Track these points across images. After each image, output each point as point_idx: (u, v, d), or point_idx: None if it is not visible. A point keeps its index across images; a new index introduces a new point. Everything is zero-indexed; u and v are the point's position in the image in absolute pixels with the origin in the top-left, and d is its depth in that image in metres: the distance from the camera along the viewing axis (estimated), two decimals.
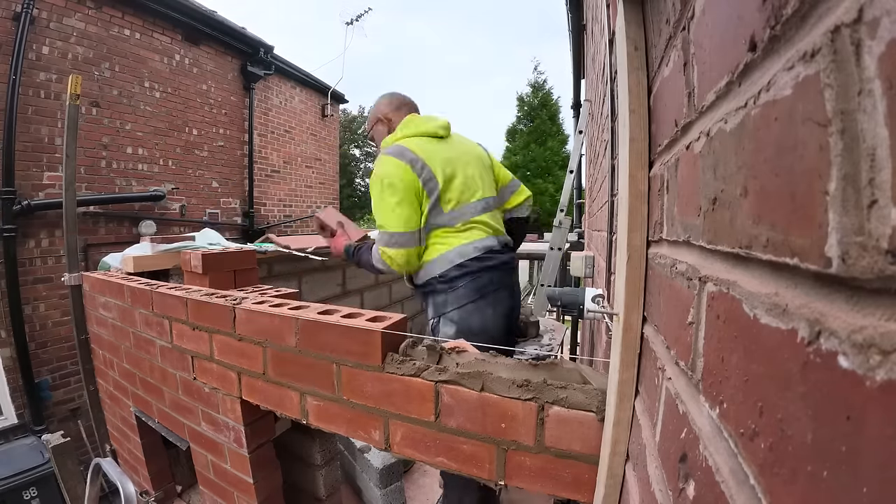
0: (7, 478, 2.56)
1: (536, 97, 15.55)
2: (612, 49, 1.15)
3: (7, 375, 3.14)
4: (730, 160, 0.27)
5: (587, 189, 3.43)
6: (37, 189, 3.35)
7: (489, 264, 1.37)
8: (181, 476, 1.78)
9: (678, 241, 0.39)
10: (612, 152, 1.24)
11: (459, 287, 1.33)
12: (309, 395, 0.97)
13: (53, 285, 3.38)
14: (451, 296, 1.34)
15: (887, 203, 0.14)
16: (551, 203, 14.04)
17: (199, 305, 1.16)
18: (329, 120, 7.07)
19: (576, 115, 4.59)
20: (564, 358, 2.21)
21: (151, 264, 1.69)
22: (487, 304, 1.36)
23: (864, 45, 0.14)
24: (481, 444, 0.76)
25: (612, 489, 0.57)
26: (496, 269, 1.38)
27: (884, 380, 0.14)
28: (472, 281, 1.34)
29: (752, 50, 0.23)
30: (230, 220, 5.22)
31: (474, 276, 1.34)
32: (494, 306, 1.38)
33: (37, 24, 3.32)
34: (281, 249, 1.99)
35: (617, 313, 0.55)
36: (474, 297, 1.34)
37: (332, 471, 1.45)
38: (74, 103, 1.80)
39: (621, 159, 0.55)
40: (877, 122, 0.14)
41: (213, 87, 4.95)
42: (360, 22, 7.65)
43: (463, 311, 1.33)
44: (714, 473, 0.27)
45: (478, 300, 1.34)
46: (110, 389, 1.76)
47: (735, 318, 0.26)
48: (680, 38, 0.38)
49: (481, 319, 1.35)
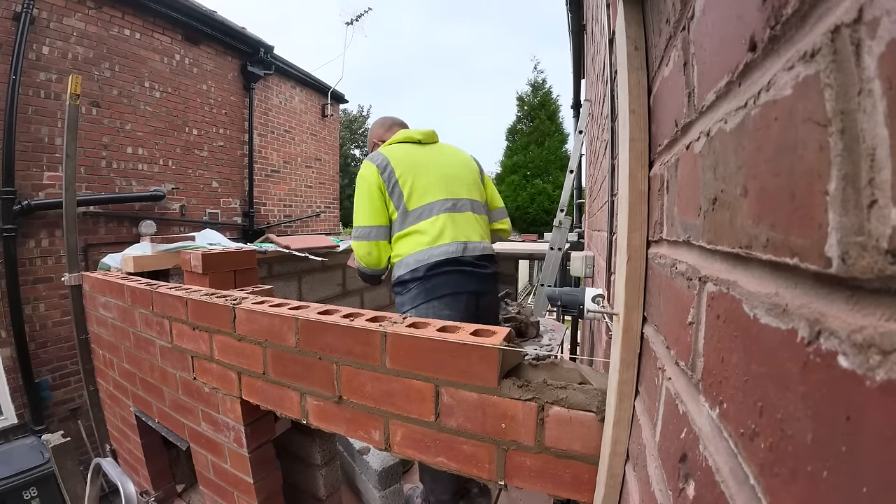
0: (7, 478, 2.56)
1: (536, 97, 15.54)
2: (612, 49, 1.15)
3: (7, 375, 3.14)
4: (730, 160, 0.27)
5: (587, 189, 3.42)
6: (37, 189, 3.35)
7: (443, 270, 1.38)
8: (181, 476, 1.78)
9: (678, 241, 0.39)
10: (612, 152, 1.24)
11: (412, 289, 1.40)
12: (309, 394, 0.97)
13: (53, 285, 3.38)
14: (407, 297, 1.42)
15: (887, 203, 0.14)
16: (549, 203, 14.04)
17: (199, 305, 1.16)
18: (329, 120, 7.07)
19: (576, 115, 4.59)
20: (564, 358, 2.22)
21: (151, 264, 1.69)
22: (443, 305, 1.38)
23: (864, 45, 0.14)
24: (481, 444, 0.76)
25: (612, 489, 0.57)
26: (451, 274, 1.39)
27: (884, 380, 0.14)
28: (421, 283, 1.38)
29: (752, 50, 0.23)
30: (230, 220, 5.21)
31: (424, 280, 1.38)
32: (452, 308, 1.38)
33: (37, 24, 3.32)
34: (281, 249, 1.99)
35: (617, 313, 0.55)
36: (428, 298, 1.38)
37: (332, 471, 1.45)
38: (74, 103, 1.80)
39: (621, 159, 0.55)
40: (877, 122, 0.14)
41: (213, 87, 4.95)
42: (359, 22, 7.66)
43: (417, 310, 1.39)
44: (714, 473, 0.27)
45: (432, 300, 1.38)
46: (110, 389, 1.76)
47: (735, 318, 0.26)
48: (680, 38, 0.38)
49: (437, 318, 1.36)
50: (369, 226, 1.45)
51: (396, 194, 1.43)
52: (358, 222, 1.47)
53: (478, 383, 0.74)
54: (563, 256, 2.59)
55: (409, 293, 1.41)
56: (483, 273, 1.46)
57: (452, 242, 1.41)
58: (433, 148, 1.57)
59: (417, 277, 1.39)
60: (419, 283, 1.39)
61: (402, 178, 1.43)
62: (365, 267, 1.51)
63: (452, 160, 1.55)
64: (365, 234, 1.45)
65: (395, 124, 1.70)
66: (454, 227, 1.43)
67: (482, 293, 1.47)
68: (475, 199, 1.55)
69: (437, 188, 1.45)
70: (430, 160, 1.51)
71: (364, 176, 1.46)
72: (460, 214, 1.47)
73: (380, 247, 1.46)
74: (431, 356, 0.78)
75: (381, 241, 1.45)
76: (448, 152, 1.59)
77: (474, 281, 1.43)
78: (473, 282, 1.43)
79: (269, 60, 5.53)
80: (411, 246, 1.42)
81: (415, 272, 1.39)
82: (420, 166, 1.47)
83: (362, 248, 1.46)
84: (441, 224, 1.42)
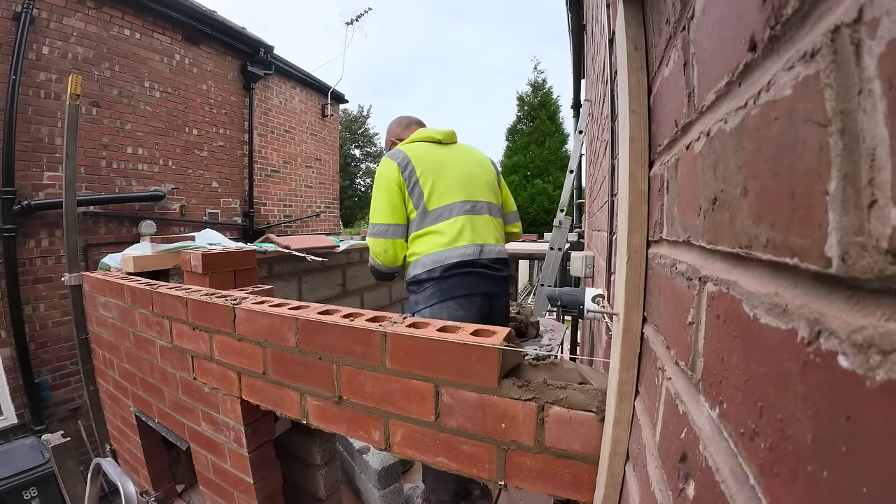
0: (7, 478, 2.56)
1: (536, 97, 15.53)
2: (612, 49, 1.15)
3: (7, 375, 3.14)
4: (730, 160, 0.27)
5: (587, 189, 3.43)
6: (37, 189, 3.35)
7: (459, 271, 1.39)
8: (181, 476, 1.78)
9: (678, 241, 0.39)
10: (612, 152, 1.24)
11: (427, 288, 1.41)
12: (309, 395, 0.97)
13: (53, 285, 3.38)
14: (422, 296, 1.43)
15: (887, 203, 0.14)
16: (550, 203, 14.04)
17: (199, 305, 1.16)
18: (329, 120, 7.07)
19: (576, 115, 4.59)
20: (564, 358, 2.22)
21: (151, 264, 1.69)
22: (458, 306, 1.39)
23: (864, 45, 0.14)
24: (481, 444, 0.76)
25: (612, 489, 0.57)
26: (467, 276, 1.40)
27: (884, 380, 0.14)
28: (436, 284, 1.39)
29: (752, 50, 0.23)
30: (230, 220, 5.21)
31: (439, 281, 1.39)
32: (466, 309, 1.39)
33: (37, 24, 3.32)
34: (281, 249, 1.99)
35: (617, 313, 0.55)
36: (443, 298, 1.39)
37: (332, 471, 1.45)
38: (74, 103, 1.80)
39: (621, 159, 0.55)
40: (877, 122, 0.14)
41: (213, 86, 4.95)
42: (359, 22, 7.66)
43: (432, 309, 1.39)
44: (714, 473, 0.27)
45: (447, 300, 1.38)
46: (110, 389, 1.76)
47: (735, 318, 0.26)
48: (680, 38, 0.38)
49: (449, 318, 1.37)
50: (387, 223, 1.45)
51: (416, 193, 1.43)
52: (375, 219, 1.46)
53: (478, 383, 0.74)
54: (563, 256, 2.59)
55: (424, 292, 1.42)
56: (498, 276, 1.46)
57: (470, 245, 1.42)
58: (453, 148, 1.58)
59: (434, 277, 1.39)
60: (435, 284, 1.39)
61: (423, 177, 1.43)
62: (380, 264, 1.50)
63: (472, 161, 1.57)
64: (382, 232, 1.45)
65: (413, 123, 1.70)
66: (472, 229, 1.44)
67: (495, 295, 1.48)
68: (492, 201, 1.55)
69: (456, 189, 1.46)
70: (451, 160, 1.51)
71: (383, 173, 1.45)
72: (479, 217, 1.47)
73: (396, 245, 1.46)
74: (431, 356, 0.78)
75: (397, 240, 1.45)
76: (467, 153, 1.60)
77: (489, 283, 1.44)
78: (488, 284, 1.43)
79: (269, 60, 5.53)
80: (429, 246, 1.42)
81: (431, 272, 1.39)
82: (440, 166, 1.47)
83: (378, 246, 1.46)
84: (460, 226, 1.43)
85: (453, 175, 1.48)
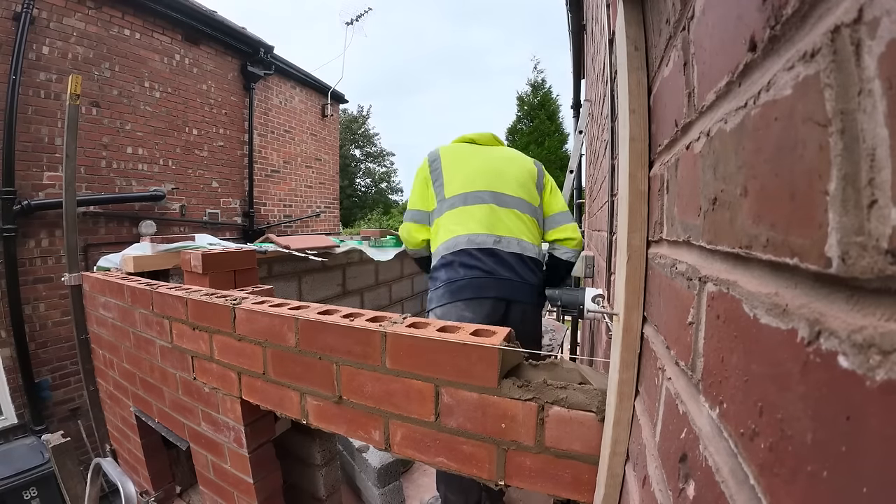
0: (7, 478, 2.56)
1: (536, 97, 15.53)
2: (612, 49, 1.15)
3: (7, 375, 3.14)
4: (730, 160, 0.27)
5: (587, 189, 3.43)
6: (37, 189, 3.35)
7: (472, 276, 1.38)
8: (181, 476, 1.78)
9: (678, 241, 0.39)
10: (612, 152, 1.24)
11: (440, 287, 1.43)
12: (309, 395, 0.97)
13: (53, 285, 3.38)
14: (435, 294, 1.46)
15: (887, 203, 0.14)
16: None
17: (199, 305, 1.16)
18: (329, 120, 7.07)
19: (576, 115, 4.59)
20: (564, 358, 2.21)
21: (151, 264, 1.69)
22: (465, 307, 1.37)
23: (864, 45, 0.14)
24: (481, 444, 0.76)
25: (612, 489, 0.57)
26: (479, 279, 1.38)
27: (884, 380, 0.14)
28: (447, 285, 1.41)
29: (752, 50, 0.23)
30: (230, 220, 5.21)
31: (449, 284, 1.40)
32: (473, 311, 1.37)
33: (37, 24, 3.32)
34: (281, 249, 1.99)
35: (617, 313, 0.55)
36: (452, 299, 1.39)
37: (332, 471, 1.45)
38: (74, 103, 1.80)
39: (621, 159, 0.55)
40: (877, 122, 0.14)
41: (213, 87, 4.95)
42: (359, 22, 7.66)
43: (443, 309, 1.41)
44: (714, 473, 0.27)
45: (456, 301, 1.39)
46: (110, 389, 1.76)
47: (735, 318, 0.26)
48: (680, 38, 0.38)
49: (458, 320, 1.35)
50: (410, 210, 1.62)
51: (438, 183, 1.54)
52: (409, 205, 1.65)
53: (478, 383, 0.74)
54: None
55: (437, 291, 1.43)
56: (517, 281, 1.40)
57: (483, 233, 1.42)
58: (487, 148, 1.65)
59: (445, 264, 1.44)
60: (446, 285, 1.40)
61: (446, 168, 1.55)
62: (407, 247, 1.67)
63: (502, 158, 1.60)
64: (407, 217, 1.63)
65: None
66: (489, 218, 1.44)
67: (513, 301, 1.41)
68: (522, 197, 1.51)
69: (477, 179, 1.50)
70: (479, 155, 1.59)
71: (419, 168, 1.63)
72: (501, 209, 1.46)
73: (409, 228, 1.62)
74: (431, 356, 0.78)
75: (412, 224, 1.60)
76: (502, 152, 1.64)
77: (505, 287, 1.38)
78: (501, 288, 1.38)
79: (269, 60, 5.53)
80: (444, 234, 1.48)
81: (443, 259, 1.45)
82: (465, 159, 1.57)
83: (403, 230, 1.65)
84: (473, 214, 1.45)
85: (475, 167, 1.53)
